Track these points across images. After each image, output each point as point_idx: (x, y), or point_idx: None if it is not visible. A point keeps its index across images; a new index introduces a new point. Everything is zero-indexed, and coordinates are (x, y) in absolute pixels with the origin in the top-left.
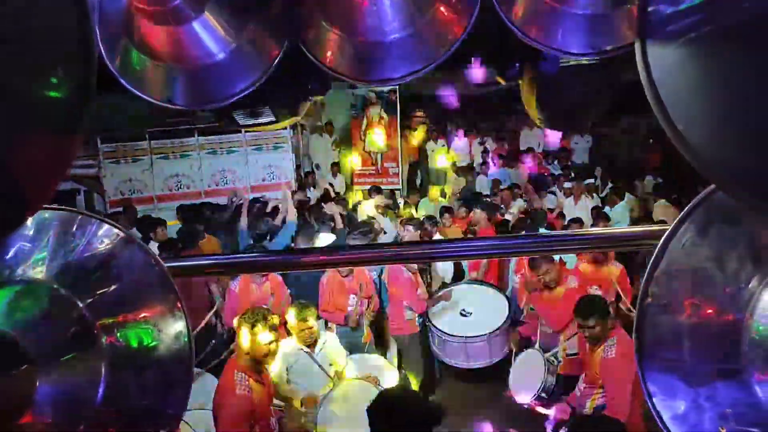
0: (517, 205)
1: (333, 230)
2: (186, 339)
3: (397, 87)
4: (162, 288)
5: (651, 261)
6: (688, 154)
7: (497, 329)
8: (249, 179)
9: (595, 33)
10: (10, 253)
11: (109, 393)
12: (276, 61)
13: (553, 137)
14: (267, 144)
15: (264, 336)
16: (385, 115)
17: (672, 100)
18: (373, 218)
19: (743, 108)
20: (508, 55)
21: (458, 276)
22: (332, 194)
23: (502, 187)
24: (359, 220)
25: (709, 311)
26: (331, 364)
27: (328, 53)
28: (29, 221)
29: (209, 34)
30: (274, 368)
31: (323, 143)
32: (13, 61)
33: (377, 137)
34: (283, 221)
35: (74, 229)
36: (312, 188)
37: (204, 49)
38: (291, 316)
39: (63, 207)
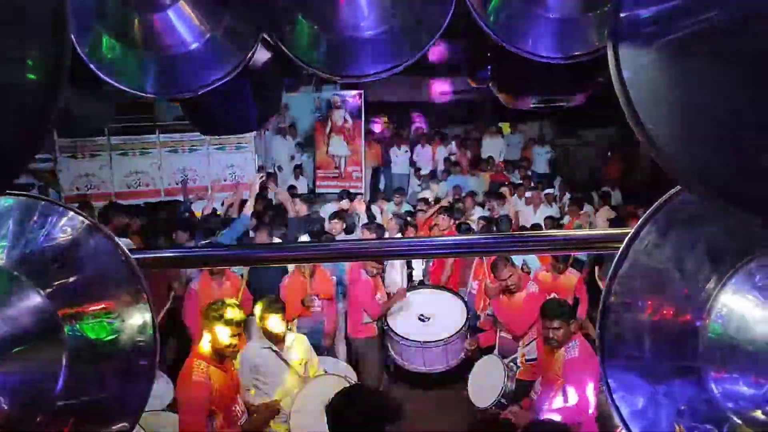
0: (477, 213)
1: (284, 219)
2: (151, 331)
3: (362, 92)
4: (128, 278)
5: (614, 261)
6: (655, 152)
7: (454, 334)
8: (210, 179)
9: (564, 37)
10: None
11: (69, 384)
12: (251, 53)
13: (515, 146)
14: (230, 144)
15: (227, 330)
16: (349, 119)
17: (642, 100)
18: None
19: (709, 110)
20: (479, 57)
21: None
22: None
23: (463, 194)
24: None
25: (669, 311)
26: (302, 363)
27: (303, 47)
28: None
29: (184, 23)
30: (242, 373)
31: (286, 145)
32: None
33: (341, 141)
34: (237, 216)
35: (37, 216)
36: (273, 190)
37: (178, 38)
38: (258, 310)
39: (25, 193)
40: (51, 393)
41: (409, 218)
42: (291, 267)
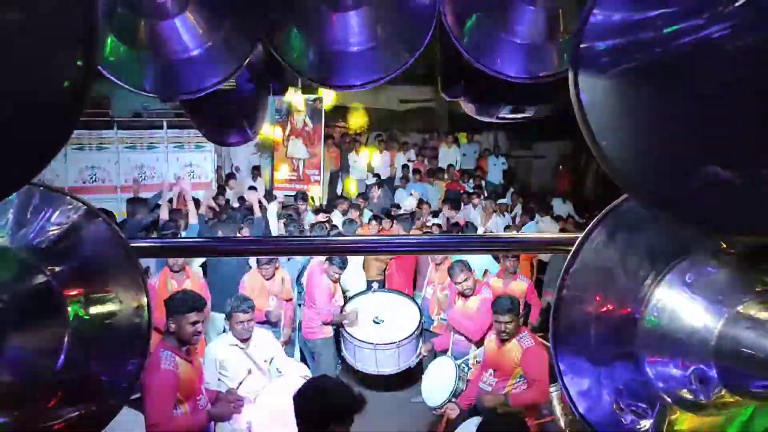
0: (434, 220)
1: (252, 218)
2: (146, 313)
3: (323, 96)
4: (125, 263)
5: (568, 259)
6: (607, 167)
7: (407, 337)
8: (168, 177)
9: (530, 60)
10: None
11: (69, 360)
12: (247, 60)
13: (470, 156)
14: (189, 143)
15: (191, 317)
16: (309, 123)
17: (596, 120)
18: None
19: (653, 131)
20: (452, 73)
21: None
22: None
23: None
24: None
25: (612, 304)
26: (266, 360)
27: (295, 57)
28: None
29: (188, 30)
30: (207, 369)
31: (245, 146)
32: (26, 40)
33: (300, 144)
34: (185, 226)
35: (38, 201)
36: (232, 191)
37: (181, 44)
38: (229, 307)
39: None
40: (53, 368)
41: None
42: (253, 264)
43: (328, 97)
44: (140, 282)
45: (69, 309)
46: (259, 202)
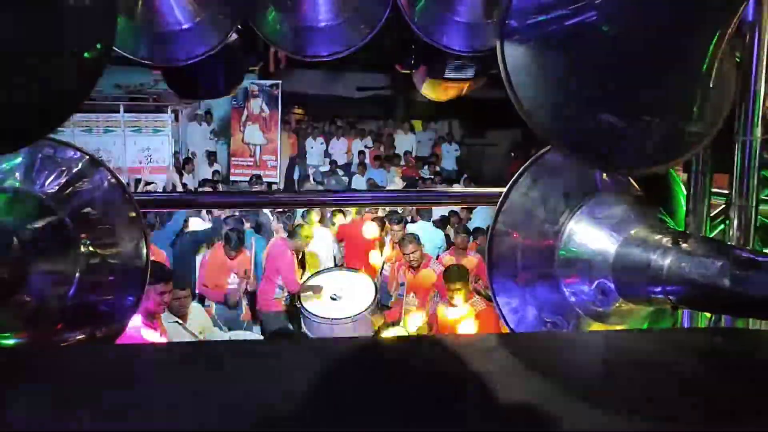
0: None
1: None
2: (144, 252)
3: (280, 82)
4: (126, 207)
5: (499, 201)
6: (531, 124)
7: (363, 311)
8: (126, 161)
9: (472, 37)
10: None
11: (78, 290)
12: (230, 33)
13: (425, 143)
14: (146, 127)
15: (158, 287)
16: (266, 109)
17: (519, 82)
18: None
19: (563, 89)
20: (405, 49)
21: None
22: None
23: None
24: None
25: (535, 235)
26: (200, 332)
27: (272, 31)
28: None
29: (179, 7)
30: None
31: (201, 131)
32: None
33: (257, 130)
34: None
35: (46, 151)
36: (190, 175)
37: (174, 18)
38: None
39: None
40: (65, 295)
41: None
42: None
43: (285, 83)
44: (140, 225)
45: (80, 247)
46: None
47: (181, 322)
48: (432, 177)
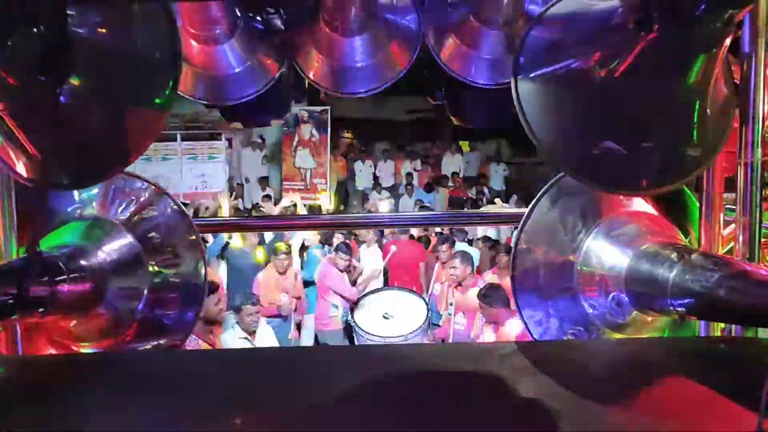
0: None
1: None
2: (202, 273)
3: (329, 108)
4: (188, 232)
5: (522, 220)
6: (545, 154)
7: (415, 330)
8: (183, 187)
9: (495, 71)
10: (78, 199)
11: (145, 305)
12: (277, 75)
13: (473, 164)
14: (202, 154)
15: (213, 298)
16: (316, 134)
17: (532, 116)
18: None
19: (570, 119)
20: (436, 83)
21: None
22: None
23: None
24: None
25: (555, 252)
26: None
27: (314, 71)
28: None
29: (233, 53)
30: None
31: (254, 157)
32: (130, 62)
33: (307, 154)
34: None
35: (117, 182)
36: (242, 199)
37: (228, 63)
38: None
39: None
40: (134, 310)
41: None
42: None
43: (334, 109)
44: (199, 248)
45: (148, 267)
46: None
47: (250, 338)
48: (479, 197)
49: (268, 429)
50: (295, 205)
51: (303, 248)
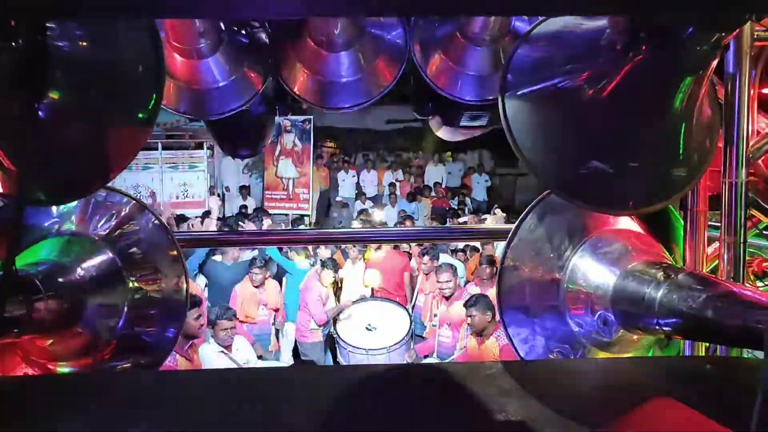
0: None
1: None
2: (184, 290)
3: (312, 117)
4: (168, 247)
5: (509, 237)
6: (531, 170)
7: (398, 342)
8: (164, 196)
9: (481, 88)
10: (55, 214)
11: (125, 323)
12: (261, 89)
13: (455, 174)
14: (183, 163)
15: (193, 312)
16: (298, 143)
17: (517, 130)
18: None
19: (557, 138)
20: (422, 98)
21: None
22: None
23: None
24: None
25: (541, 270)
26: (245, 363)
27: (298, 86)
28: None
29: (218, 68)
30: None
31: (234, 166)
32: (114, 78)
33: (290, 164)
34: None
35: (98, 196)
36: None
37: (212, 77)
38: (213, 316)
39: None
40: (114, 327)
41: None
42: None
43: (316, 118)
44: (180, 264)
45: (128, 284)
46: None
47: (227, 351)
48: (461, 207)
49: None
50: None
51: None
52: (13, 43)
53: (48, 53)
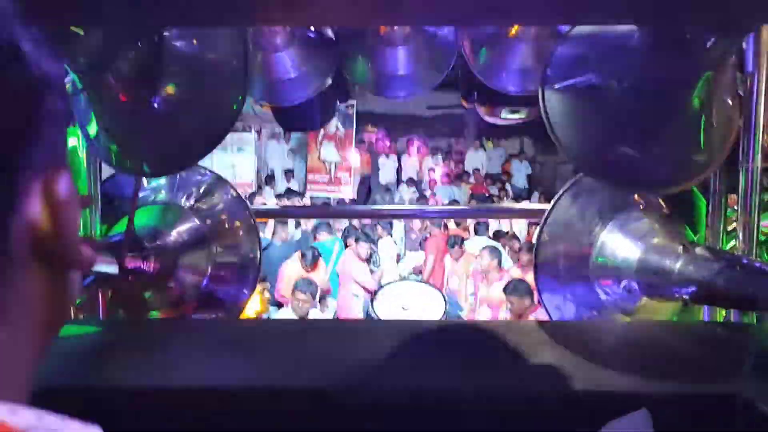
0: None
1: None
2: (258, 254)
3: (355, 102)
4: (245, 217)
5: (545, 214)
6: (568, 156)
7: None
8: None
9: (524, 80)
10: (151, 186)
11: (208, 283)
12: (328, 79)
13: (495, 161)
14: (232, 145)
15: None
16: (341, 128)
17: (557, 122)
18: None
19: (591, 126)
20: (469, 88)
21: None
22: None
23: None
24: None
25: (574, 244)
26: None
27: (360, 77)
28: None
29: (289, 60)
30: None
31: (279, 150)
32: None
33: (332, 148)
34: None
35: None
36: (273, 190)
37: (285, 69)
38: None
39: None
40: (199, 286)
41: None
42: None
43: (359, 103)
44: (255, 232)
45: (211, 246)
46: None
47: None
48: (501, 194)
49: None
50: None
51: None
52: (140, 45)
53: (163, 55)
